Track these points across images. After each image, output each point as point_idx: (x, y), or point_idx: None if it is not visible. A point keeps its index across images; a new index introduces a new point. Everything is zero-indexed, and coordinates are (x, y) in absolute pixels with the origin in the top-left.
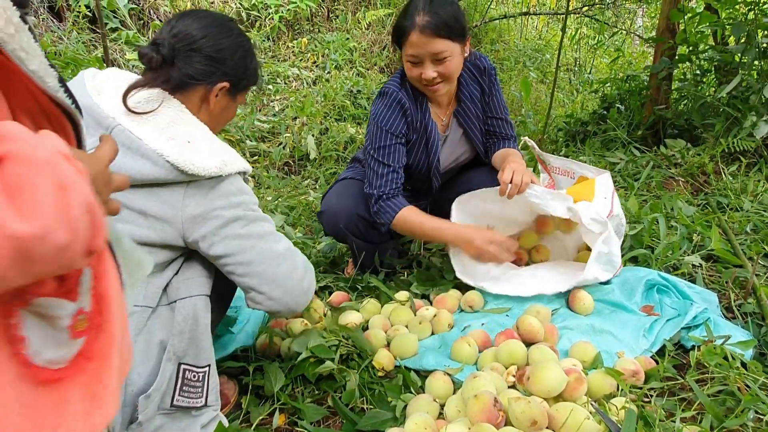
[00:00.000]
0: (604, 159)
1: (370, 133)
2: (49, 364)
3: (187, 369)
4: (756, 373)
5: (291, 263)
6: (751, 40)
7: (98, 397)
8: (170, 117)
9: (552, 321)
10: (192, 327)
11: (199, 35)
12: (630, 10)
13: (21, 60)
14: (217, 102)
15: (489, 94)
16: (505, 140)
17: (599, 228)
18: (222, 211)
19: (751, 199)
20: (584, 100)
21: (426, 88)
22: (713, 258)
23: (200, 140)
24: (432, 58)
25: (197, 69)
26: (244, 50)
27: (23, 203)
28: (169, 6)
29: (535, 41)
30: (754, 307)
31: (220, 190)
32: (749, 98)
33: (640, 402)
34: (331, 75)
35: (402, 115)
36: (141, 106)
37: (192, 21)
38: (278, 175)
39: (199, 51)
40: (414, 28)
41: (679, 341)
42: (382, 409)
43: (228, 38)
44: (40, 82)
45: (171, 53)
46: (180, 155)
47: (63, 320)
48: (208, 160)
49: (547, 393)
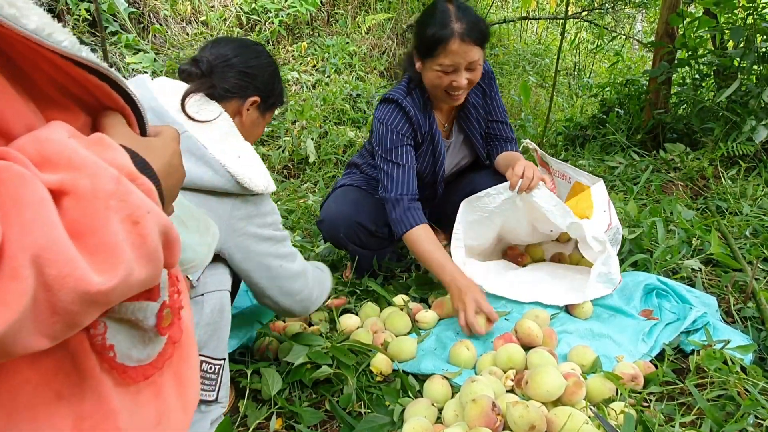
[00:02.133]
0: (604, 163)
1: (378, 136)
2: (141, 361)
3: (204, 360)
4: (756, 378)
5: (303, 281)
6: (749, 45)
7: (185, 378)
8: (224, 130)
9: (551, 325)
10: (217, 319)
11: (232, 54)
12: (629, 14)
13: (13, 18)
14: (248, 115)
15: (489, 97)
16: (506, 143)
17: (599, 247)
18: (259, 230)
19: (750, 203)
20: (583, 104)
21: (449, 96)
22: (712, 262)
23: (248, 156)
24: (467, 65)
25: (232, 83)
26: (273, 70)
27: (96, 250)
28: (169, 10)
29: (535, 45)
30: (754, 312)
31: (261, 209)
32: (748, 102)
33: (639, 406)
34: (331, 79)
35: (407, 121)
36: (198, 114)
37: (225, 44)
38: (277, 179)
39: (234, 67)
40: (454, 36)
41: (678, 345)
42: (380, 413)
43: (258, 58)
44: (52, 43)
45: (209, 68)
46: (240, 168)
47: (149, 320)
48: (258, 177)
49: (545, 397)
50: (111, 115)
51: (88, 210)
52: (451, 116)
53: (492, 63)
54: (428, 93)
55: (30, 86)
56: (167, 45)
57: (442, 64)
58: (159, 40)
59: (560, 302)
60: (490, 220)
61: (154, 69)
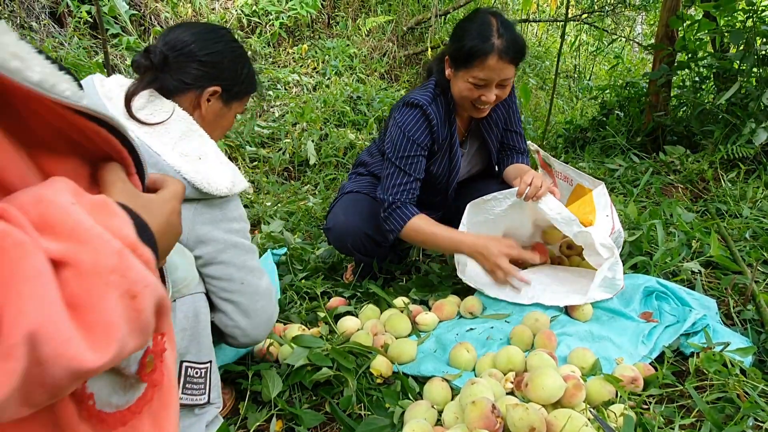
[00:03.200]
0: (604, 165)
1: (393, 139)
2: (120, 407)
3: (189, 366)
4: (755, 380)
5: (267, 302)
6: (749, 48)
7: (164, 423)
8: (181, 130)
9: (551, 327)
10: (193, 324)
11: (188, 41)
12: (629, 17)
13: (17, 71)
14: (209, 108)
15: (508, 106)
16: (518, 154)
17: (608, 254)
18: (225, 235)
19: (750, 205)
20: (584, 106)
21: (474, 109)
22: (712, 264)
23: (211, 156)
24: (499, 82)
25: (187, 73)
26: (236, 56)
27: (92, 326)
28: (170, 12)
29: (535, 48)
30: (754, 314)
31: (227, 213)
32: (748, 105)
33: (639, 409)
34: (331, 81)
35: (428, 129)
36: (151, 116)
37: (184, 30)
38: (278, 181)
39: (189, 56)
40: (493, 52)
41: (678, 348)
42: (380, 416)
43: (218, 44)
44: (55, 95)
45: (161, 60)
46: (197, 173)
47: (131, 367)
48: (220, 178)
49: (545, 399)
50: (111, 168)
51: (87, 285)
52: (471, 124)
53: None
54: (454, 101)
55: (26, 132)
56: None
57: (476, 77)
58: None
59: (561, 303)
60: (494, 223)
61: None
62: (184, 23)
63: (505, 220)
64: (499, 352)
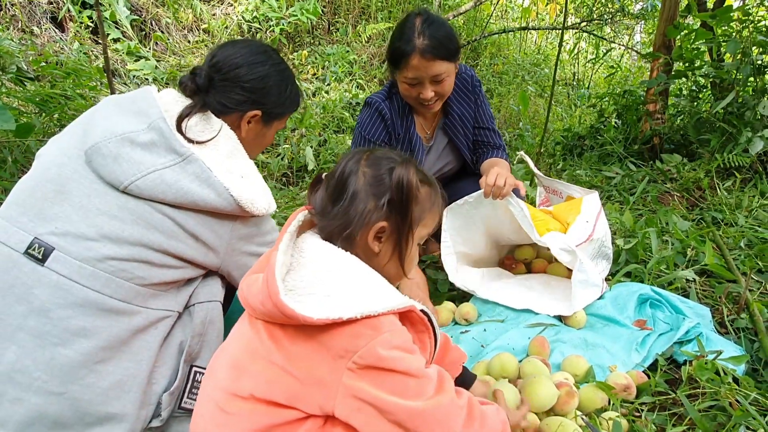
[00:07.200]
0: (601, 173)
1: (354, 139)
2: None
3: (198, 371)
4: (748, 389)
5: None
6: (746, 57)
7: None
8: (228, 149)
9: (544, 334)
10: (208, 330)
11: (234, 65)
12: (628, 26)
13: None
14: (249, 129)
15: (476, 104)
16: (494, 149)
17: (568, 258)
18: (258, 248)
19: (745, 214)
20: (582, 114)
21: (421, 105)
22: (707, 273)
23: (252, 176)
24: (431, 79)
25: (230, 98)
26: (280, 78)
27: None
28: (171, 17)
29: (534, 56)
30: (747, 323)
31: (262, 228)
32: (744, 114)
33: (632, 416)
34: (331, 87)
35: (383, 124)
36: (202, 133)
37: (231, 50)
38: (276, 186)
39: (233, 81)
40: (414, 52)
41: (671, 356)
42: None
43: (263, 66)
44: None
45: (206, 82)
46: (243, 191)
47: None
48: (261, 199)
49: (538, 407)
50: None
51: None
52: (435, 122)
53: (491, 72)
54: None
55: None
56: (168, 52)
57: (406, 77)
58: (160, 47)
59: (551, 312)
60: (475, 225)
61: (155, 76)
62: (232, 42)
63: (485, 220)
64: (492, 360)
